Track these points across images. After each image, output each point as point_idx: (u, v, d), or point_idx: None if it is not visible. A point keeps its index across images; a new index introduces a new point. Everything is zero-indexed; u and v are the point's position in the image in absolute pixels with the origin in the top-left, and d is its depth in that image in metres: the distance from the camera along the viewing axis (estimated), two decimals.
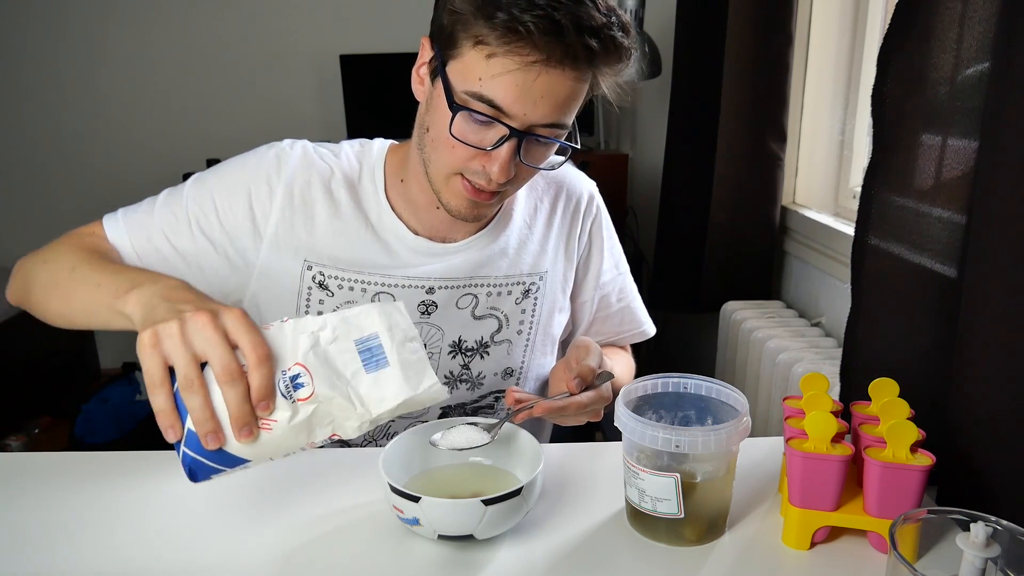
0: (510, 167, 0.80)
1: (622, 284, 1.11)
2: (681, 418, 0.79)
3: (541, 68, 0.74)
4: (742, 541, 0.73)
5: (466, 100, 0.77)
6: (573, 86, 0.77)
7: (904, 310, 0.97)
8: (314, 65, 2.96)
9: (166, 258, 0.90)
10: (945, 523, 0.66)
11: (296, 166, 0.92)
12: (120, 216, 0.92)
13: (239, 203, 0.91)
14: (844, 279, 1.67)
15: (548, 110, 0.77)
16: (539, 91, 0.75)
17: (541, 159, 0.84)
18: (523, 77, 0.74)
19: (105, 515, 0.76)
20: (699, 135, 2.08)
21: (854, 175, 1.87)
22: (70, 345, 3.13)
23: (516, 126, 0.78)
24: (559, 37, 0.72)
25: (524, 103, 0.76)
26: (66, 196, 3.13)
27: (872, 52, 1.76)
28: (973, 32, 0.84)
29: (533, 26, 0.71)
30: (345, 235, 0.93)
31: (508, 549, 0.71)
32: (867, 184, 1.01)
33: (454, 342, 0.98)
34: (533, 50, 0.73)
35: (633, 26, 0.84)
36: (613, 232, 1.11)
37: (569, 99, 0.78)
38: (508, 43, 0.73)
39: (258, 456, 0.61)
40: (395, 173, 0.95)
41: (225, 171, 0.93)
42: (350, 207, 0.93)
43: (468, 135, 0.80)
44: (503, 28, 0.72)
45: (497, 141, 0.79)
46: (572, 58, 0.74)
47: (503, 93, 0.75)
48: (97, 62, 2.98)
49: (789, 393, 1.60)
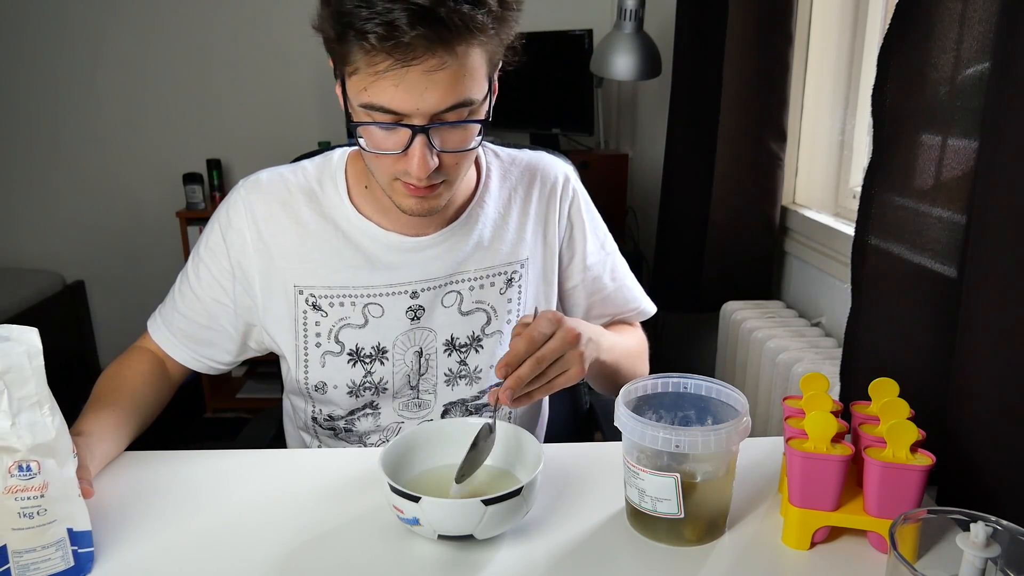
0: (428, 161, 0.80)
1: (612, 264, 1.11)
2: (681, 418, 0.79)
3: (401, 69, 0.74)
4: (742, 541, 0.73)
5: (367, 112, 0.79)
6: (447, 71, 0.75)
7: (904, 310, 0.97)
8: (314, 65, 2.96)
9: (196, 332, 1.01)
10: (945, 523, 0.66)
11: (254, 202, 0.96)
12: (158, 317, 1.03)
13: (223, 260, 0.97)
14: (844, 279, 1.67)
15: (438, 96, 0.76)
16: (416, 85, 0.75)
17: (461, 143, 0.82)
18: (392, 78, 0.75)
19: (105, 515, 0.76)
20: (699, 135, 2.08)
21: (854, 175, 1.87)
22: (70, 345, 3.13)
23: (417, 122, 0.78)
24: (398, 38, 0.72)
25: (410, 99, 0.76)
26: (66, 196, 3.13)
27: (872, 52, 1.76)
28: (973, 32, 0.84)
29: (375, 37, 0.72)
30: (320, 251, 0.95)
31: (508, 549, 0.71)
32: (867, 184, 1.01)
33: (447, 340, 0.99)
34: (385, 57, 0.73)
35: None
36: (595, 213, 1.10)
37: (453, 81, 0.76)
38: (363, 57, 0.75)
39: None
40: (359, 180, 0.97)
41: (207, 236, 0.99)
42: (317, 222, 0.96)
43: (379, 142, 0.81)
44: (355, 45, 0.74)
45: (406, 142, 0.79)
46: (424, 50, 0.73)
47: (386, 96, 0.76)
48: (97, 62, 2.98)
49: (789, 393, 1.59)
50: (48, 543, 0.64)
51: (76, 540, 0.66)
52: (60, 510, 0.65)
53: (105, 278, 3.22)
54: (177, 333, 1.00)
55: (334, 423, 1.02)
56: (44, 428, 0.63)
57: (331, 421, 1.02)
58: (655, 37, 2.32)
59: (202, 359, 1.02)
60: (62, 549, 0.65)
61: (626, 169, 2.66)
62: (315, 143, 2.96)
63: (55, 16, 2.94)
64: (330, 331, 0.96)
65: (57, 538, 0.65)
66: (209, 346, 1.01)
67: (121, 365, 1.00)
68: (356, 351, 0.97)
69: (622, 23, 2.25)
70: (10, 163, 3.09)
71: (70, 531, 0.66)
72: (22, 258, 3.18)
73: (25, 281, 2.99)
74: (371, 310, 0.96)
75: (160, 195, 3.10)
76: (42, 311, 2.95)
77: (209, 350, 1.01)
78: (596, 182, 1.12)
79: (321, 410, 1.01)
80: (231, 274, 0.97)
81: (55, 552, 0.65)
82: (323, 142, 2.98)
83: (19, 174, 3.11)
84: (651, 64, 2.29)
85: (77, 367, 3.15)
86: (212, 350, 1.01)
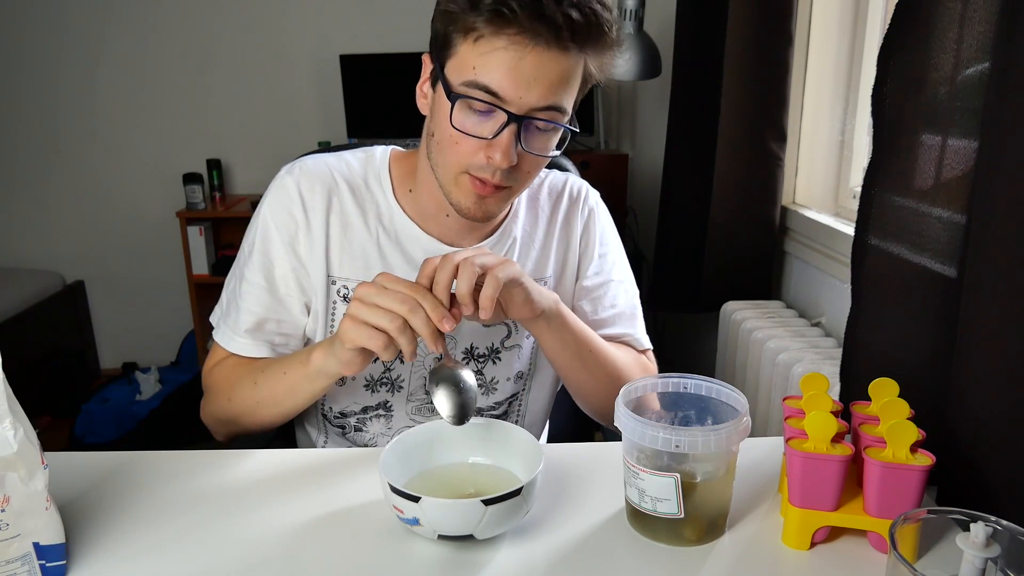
0: (512, 153, 0.82)
1: (614, 293, 1.06)
2: (681, 418, 0.79)
3: (529, 46, 0.77)
4: (742, 541, 0.73)
5: (464, 91, 0.81)
6: (564, 66, 0.80)
7: (904, 310, 0.97)
8: (314, 65, 2.96)
9: (267, 324, 0.97)
10: (945, 523, 0.66)
11: (303, 187, 0.95)
12: (223, 328, 0.99)
13: (280, 248, 0.95)
14: (844, 279, 1.67)
15: (543, 91, 0.80)
16: (530, 71, 0.78)
17: (543, 147, 0.86)
18: (512, 56, 0.78)
19: (104, 515, 0.76)
20: (699, 135, 2.08)
21: (854, 175, 1.87)
22: (70, 345, 3.14)
23: (514, 111, 0.80)
24: (541, 13, 0.76)
25: (518, 85, 0.79)
26: (66, 196, 3.13)
27: (872, 52, 1.76)
28: (973, 32, 0.84)
29: (517, 5, 0.75)
30: (360, 245, 0.96)
31: (508, 549, 0.71)
32: (867, 184, 1.01)
33: (467, 349, 1.00)
34: (519, 29, 0.77)
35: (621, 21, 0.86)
36: (610, 239, 1.08)
37: (562, 79, 0.81)
38: (494, 24, 0.77)
39: None
40: (403, 183, 0.98)
41: (257, 225, 0.97)
42: (359, 216, 0.96)
43: (469, 126, 0.82)
44: (489, 12, 0.77)
45: (497, 129, 0.81)
46: (556, 34, 0.77)
47: (496, 76, 0.79)
48: (97, 62, 2.98)
49: (789, 393, 1.60)
50: (12, 558, 0.63)
51: (44, 554, 0.65)
52: (24, 524, 0.63)
53: (105, 278, 3.22)
54: (249, 333, 0.96)
55: (345, 420, 1.02)
56: (4, 443, 0.62)
57: (342, 418, 1.02)
58: (655, 37, 2.32)
59: (282, 350, 0.98)
60: (28, 564, 0.64)
61: (626, 169, 2.66)
62: (315, 143, 2.96)
63: (55, 16, 2.94)
64: None
65: (22, 553, 0.64)
66: (284, 336, 0.98)
67: (223, 370, 0.97)
68: None
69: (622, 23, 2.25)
70: (10, 163, 3.09)
71: (36, 545, 0.64)
72: (22, 258, 3.18)
73: (25, 281, 2.99)
74: None
75: (160, 195, 3.10)
76: (42, 311, 2.95)
77: (285, 340, 0.98)
78: (596, 182, 1.12)
79: (332, 408, 1.02)
80: (285, 259, 0.95)
81: (20, 567, 0.64)
82: (323, 142, 2.98)
83: (19, 174, 3.11)
84: (651, 64, 2.29)
85: (77, 367, 3.15)
86: (288, 340, 0.98)
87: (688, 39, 2.14)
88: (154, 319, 3.17)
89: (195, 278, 2.91)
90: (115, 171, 3.10)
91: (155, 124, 3.06)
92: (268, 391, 0.90)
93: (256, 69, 3.00)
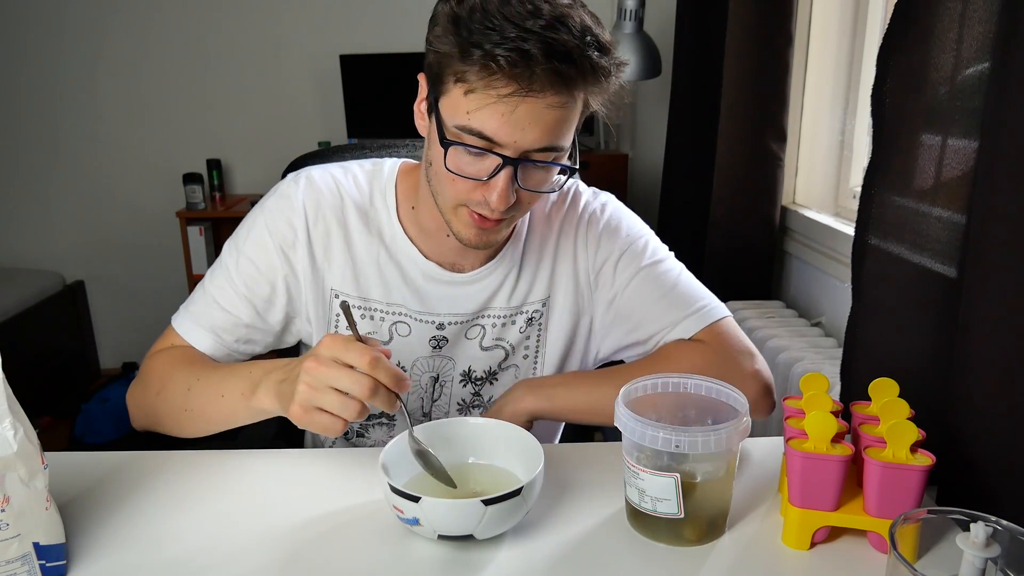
0: (508, 195, 0.80)
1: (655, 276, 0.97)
2: (681, 418, 0.79)
3: (519, 98, 0.75)
4: (742, 541, 0.73)
5: (457, 134, 0.79)
6: (558, 111, 0.77)
7: (904, 310, 0.97)
8: (314, 65, 2.96)
9: (235, 328, 0.94)
10: (945, 523, 0.66)
11: (307, 200, 0.94)
12: (184, 315, 0.96)
13: (272, 255, 0.94)
14: (844, 279, 1.67)
15: (538, 135, 0.77)
16: (524, 119, 0.76)
17: (541, 183, 0.84)
18: (504, 107, 0.75)
19: (104, 515, 0.76)
20: (699, 135, 2.08)
21: (854, 175, 1.87)
22: (70, 345, 3.14)
23: (509, 154, 0.78)
24: (530, 67, 0.72)
25: (512, 131, 0.76)
26: (66, 196, 3.13)
27: (872, 52, 1.75)
28: (973, 32, 0.84)
29: (504, 60, 0.72)
30: (361, 262, 0.95)
31: (508, 549, 0.71)
32: (867, 184, 1.01)
33: (464, 372, 0.99)
34: (509, 82, 0.74)
35: (616, 41, 0.80)
36: (630, 231, 0.99)
37: (558, 123, 0.78)
38: (484, 78, 0.74)
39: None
40: (407, 199, 0.96)
41: (251, 228, 0.95)
42: (363, 233, 0.95)
43: (464, 167, 0.80)
44: (479, 64, 0.74)
45: (493, 171, 0.79)
46: (548, 85, 0.74)
47: (489, 124, 0.76)
48: (97, 62, 2.98)
49: (789, 393, 1.59)
50: (12, 558, 0.63)
51: (44, 554, 0.65)
52: (24, 524, 0.64)
53: (105, 278, 3.22)
54: (212, 329, 0.94)
55: (348, 425, 1.01)
56: (4, 443, 0.62)
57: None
58: (655, 37, 2.32)
59: (236, 355, 0.96)
60: (28, 564, 0.64)
61: (626, 169, 2.66)
62: (315, 143, 2.96)
63: (55, 16, 2.94)
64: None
65: (22, 552, 0.64)
66: (248, 343, 0.96)
67: (168, 354, 0.94)
68: None
69: (622, 23, 2.25)
70: (10, 163, 3.09)
71: (36, 545, 0.64)
72: (22, 258, 3.18)
73: (25, 281, 2.99)
74: (398, 328, 0.96)
75: (160, 195, 3.10)
76: (42, 311, 2.95)
77: (247, 347, 0.97)
78: (596, 182, 1.12)
79: None
80: (277, 267, 0.94)
81: (20, 567, 0.64)
82: (323, 142, 2.98)
83: (19, 174, 3.11)
84: (651, 64, 2.29)
85: (77, 367, 3.15)
86: (250, 347, 0.97)
87: (688, 39, 2.14)
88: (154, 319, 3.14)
89: (195, 278, 2.91)
90: (115, 171, 3.10)
91: (155, 124, 3.06)
92: (199, 405, 0.87)
93: (256, 69, 3.00)
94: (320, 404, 0.71)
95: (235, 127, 3.06)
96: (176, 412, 0.89)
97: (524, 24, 0.72)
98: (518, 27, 0.72)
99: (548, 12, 0.73)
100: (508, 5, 0.73)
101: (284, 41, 2.96)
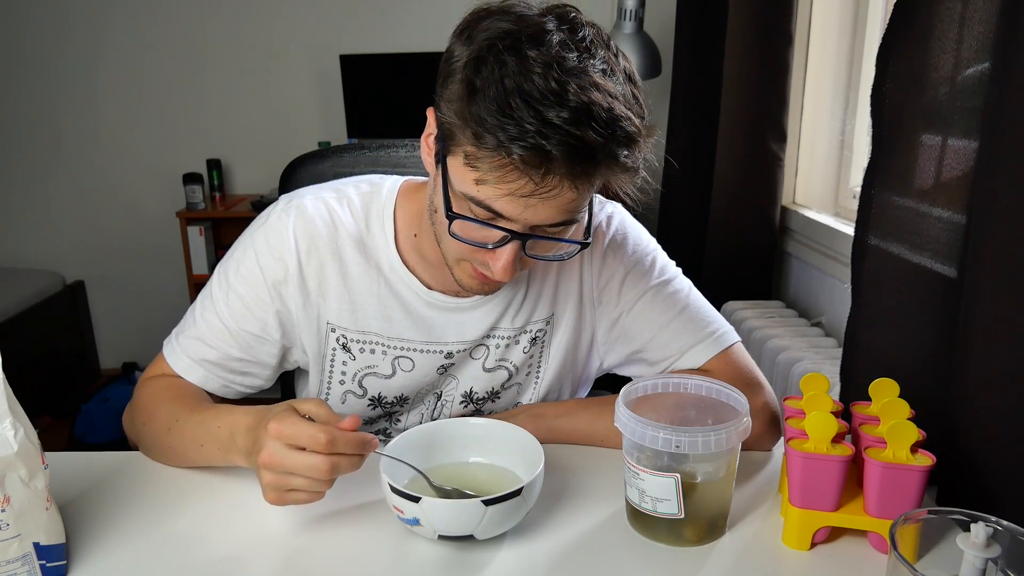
0: (514, 266, 0.76)
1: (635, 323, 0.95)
2: (681, 418, 0.79)
3: (530, 194, 0.69)
4: (742, 541, 0.73)
5: (464, 200, 0.73)
6: (575, 194, 0.71)
7: (904, 310, 0.97)
8: (314, 65, 2.96)
9: (227, 362, 0.91)
10: (945, 523, 0.66)
11: (298, 232, 0.88)
12: (175, 344, 0.92)
13: (260, 289, 0.89)
14: (844, 279, 1.66)
15: (550, 214, 0.72)
16: (537, 201, 0.70)
17: (548, 250, 0.79)
18: (516, 197, 0.70)
19: (105, 515, 0.76)
20: (699, 135, 2.08)
21: (854, 175, 1.87)
22: (70, 345, 3.14)
23: (517, 229, 0.73)
24: (546, 166, 0.67)
25: (524, 211, 0.71)
26: (66, 196, 3.13)
27: (872, 52, 1.75)
28: (973, 32, 0.84)
29: (520, 159, 0.66)
30: (359, 295, 0.90)
31: (508, 549, 0.71)
32: (867, 184, 1.01)
33: (465, 392, 0.97)
34: (520, 177, 0.68)
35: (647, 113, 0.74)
36: (639, 250, 0.96)
37: (572, 203, 0.72)
38: (496, 170, 0.68)
39: None
40: (408, 225, 0.90)
41: (241, 262, 0.90)
42: (360, 264, 0.90)
43: (470, 233, 0.76)
44: (492, 154, 0.68)
45: (499, 241, 0.74)
46: (566, 181, 0.69)
47: (499, 205, 0.71)
48: (97, 62, 2.98)
49: (789, 393, 1.59)
50: (13, 558, 0.63)
51: (44, 554, 0.65)
52: (24, 524, 0.64)
53: (105, 278, 3.22)
54: (203, 363, 0.90)
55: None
56: (4, 443, 0.62)
57: None
58: (655, 37, 2.32)
59: (234, 387, 0.92)
60: (28, 564, 0.64)
61: None
62: (315, 143, 2.96)
63: (55, 16, 2.94)
64: (355, 375, 0.93)
65: (22, 552, 0.64)
66: (244, 375, 0.92)
67: (157, 383, 0.91)
68: (378, 398, 0.95)
69: (622, 23, 2.25)
70: (10, 163, 3.09)
71: (37, 545, 0.65)
72: (22, 258, 3.18)
73: (25, 281, 2.99)
74: (401, 363, 0.93)
75: (160, 195, 3.10)
76: (42, 311, 2.95)
77: (244, 379, 0.92)
78: None
79: None
80: (268, 303, 0.89)
81: (21, 567, 0.64)
82: (323, 142, 2.98)
83: (19, 174, 3.11)
84: (651, 64, 2.29)
85: (77, 367, 3.15)
86: (248, 379, 0.93)
87: (688, 39, 2.14)
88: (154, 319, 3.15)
89: (195, 278, 2.91)
90: (115, 171, 3.10)
91: (155, 124, 3.06)
92: (181, 447, 0.84)
93: (256, 69, 3.00)
94: (289, 487, 0.70)
95: (235, 127, 3.06)
96: (160, 447, 0.87)
97: (546, 115, 0.65)
98: (538, 118, 0.65)
99: (574, 96, 0.65)
100: (530, 81, 0.65)
101: (284, 41, 2.96)
